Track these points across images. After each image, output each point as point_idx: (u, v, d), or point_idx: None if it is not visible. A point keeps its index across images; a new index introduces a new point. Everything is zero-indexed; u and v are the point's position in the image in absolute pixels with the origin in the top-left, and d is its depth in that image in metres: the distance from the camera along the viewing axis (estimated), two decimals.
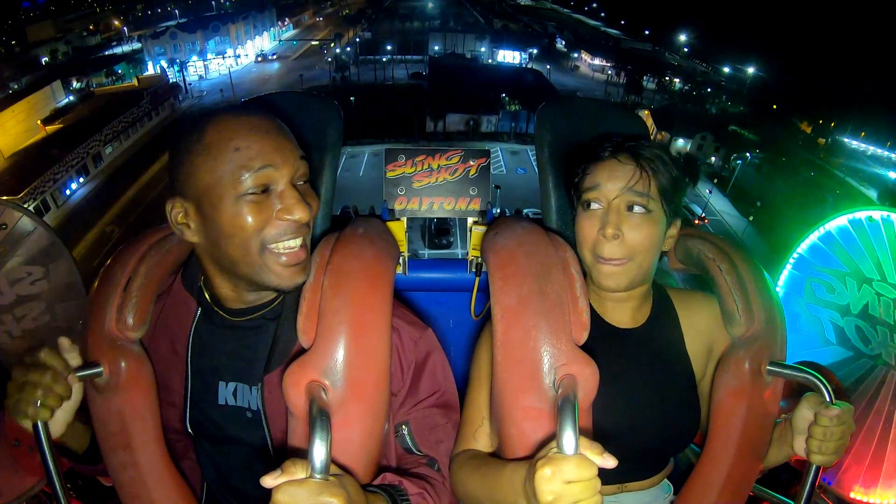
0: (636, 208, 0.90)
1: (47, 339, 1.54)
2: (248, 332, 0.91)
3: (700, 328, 1.00)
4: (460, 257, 1.35)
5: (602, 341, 0.88)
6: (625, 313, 0.99)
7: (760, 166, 26.98)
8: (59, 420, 0.82)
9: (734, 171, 25.87)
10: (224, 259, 0.81)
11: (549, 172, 1.15)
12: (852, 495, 1.62)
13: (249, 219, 0.76)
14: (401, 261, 1.28)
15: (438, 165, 1.28)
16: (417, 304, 1.41)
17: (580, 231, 0.95)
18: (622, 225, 0.90)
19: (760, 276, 0.96)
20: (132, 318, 0.85)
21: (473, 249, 1.27)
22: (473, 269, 1.29)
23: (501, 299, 0.86)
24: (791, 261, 1.91)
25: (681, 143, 28.89)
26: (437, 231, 20.07)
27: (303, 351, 0.79)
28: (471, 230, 1.27)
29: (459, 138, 30.26)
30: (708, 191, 24.70)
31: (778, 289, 1.91)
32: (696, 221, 22.31)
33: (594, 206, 0.93)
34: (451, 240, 20.55)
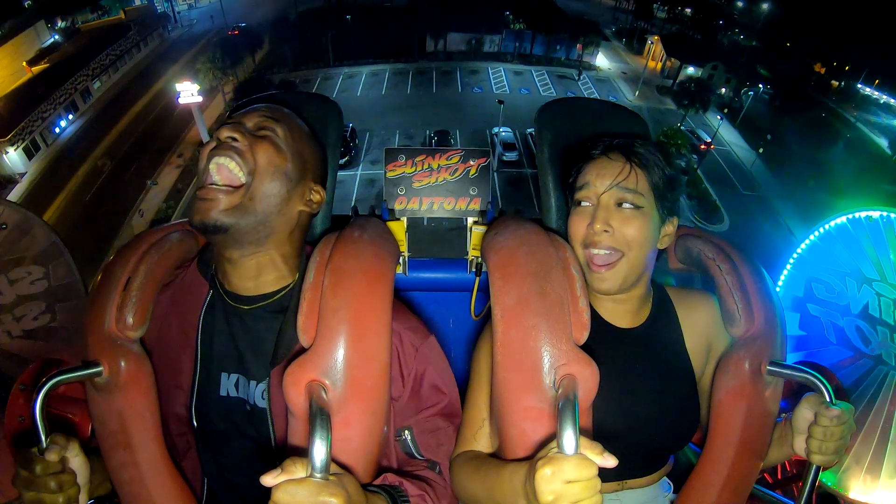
0: (625, 204, 0.91)
1: (47, 339, 1.54)
2: (252, 325, 0.91)
3: (699, 327, 1.01)
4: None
5: (602, 341, 0.88)
6: (624, 313, 0.99)
7: (772, 101, 26.56)
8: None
9: (744, 104, 25.45)
10: None
11: (549, 172, 1.15)
12: (852, 495, 1.63)
13: (203, 147, 0.87)
14: (401, 261, 1.28)
15: (438, 165, 1.28)
16: (417, 304, 1.41)
17: (571, 227, 0.96)
18: (611, 220, 0.91)
19: (760, 276, 0.96)
20: (132, 317, 0.85)
21: (473, 249, 1.27)
22: (473, 269, 1.29)
23: (501, 299, 0.86)
24: (791, 261, 1.91)
25: (691, 70, 28.20)
26: (439, 145, 20.16)
27: (303, 350, 0.79)
28: (471, 230, 1.27)
29: (461, 58, 29.62)
30: (719, 117, 24.28)
31: (778, 289, 1.91)
32: (703, 147, 22.06)
33: (584, 203, 0.94)
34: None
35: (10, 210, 1.50)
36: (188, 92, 19.32)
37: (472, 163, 1.29)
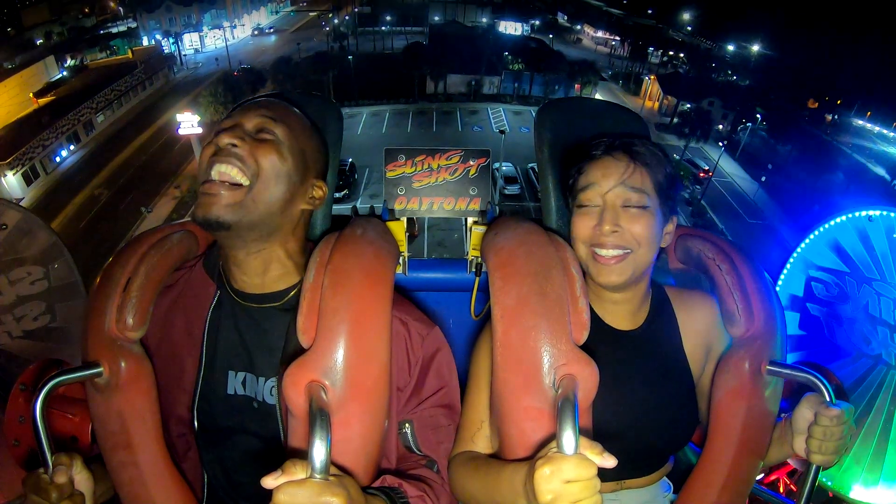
0: (632, 204, 0.90)
1: (47, 339, 1.54)
2: (261, 322, 0.91)
3: (698, 328, 1.01)
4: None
5: (600, 343, 0.88)
6: (623, 315, 0.99)
7: (769, 134, 27.07)
8: None
9: (742, 139, 25.93)
10: None
11: (549, 172, 1.15)
12: (852, 495, 1.63)
13: (203, 150, 0.87)
14: (401, 261, 1.28)
15: (438, 165, 1.28)
16: (417, 305, 1.41)
17: (575, 227, 0.95)
18: (619, 220, 0.90)
19: (760, 276, 0.96)
20: (132, 318, 0.85)
21: (473, 249, 1.28)
22: (473, 269, 1.29)
23: (501, 299, 0.85)
24: (791, 261, 1.91)
25: (689, 106, 28.72)
26: None
27: (303, 350, 0.79)
28: (471, 230, 1.27)
29: (461, 99, 30.01)
30: (721, 145, 24.59)
31: (778, 289, 1.91)
32: (702, 174, 22.36)
33: (589, 204, 0.93)
34: None
35: (11, 210, 1.50)
36: (188, 123, 19.30)
37: (471, 163, 1.29)
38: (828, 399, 0.84)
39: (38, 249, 1.52)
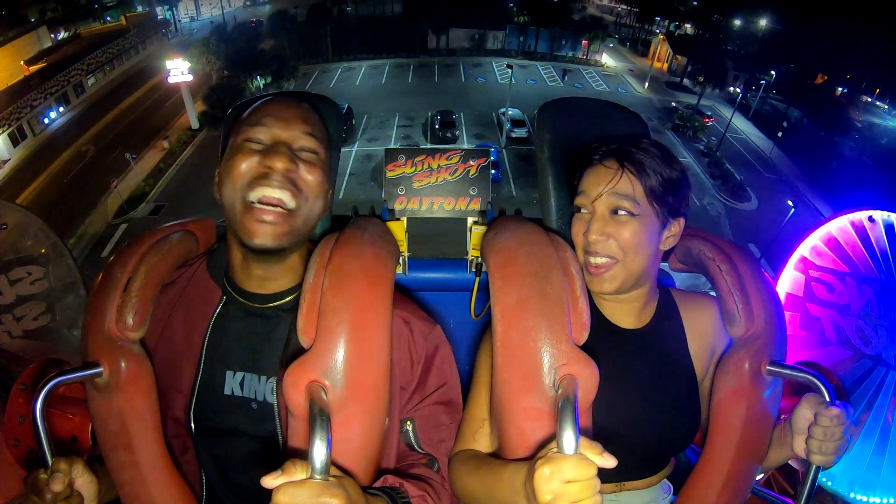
0: (620, 211, 0.90)
1: (47, 339, 1.54)
2: (262, 322, 0.92)
3: (703, 330, 1.00)
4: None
5: (605, 341, 0.88)
6: (628, 314, 0.99)
7: (779, 103, 27.03)
8: None
9: (753, 104, 25.94)
10: (225, 212, 0.86)
11: (549, 172, 1.15)
12: (852, 495, 1.63)
13: (239, 160, 0.84)
14: (401, 261, 1.28)
15: (438, 165, 1.28)
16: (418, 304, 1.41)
17: (572, 233, 0.97)
18: (606, 228, 0.90)
19: (760, 276, 0.95)
20: (132, 318, 0.85)
21: (473, 249, 1.28)
22: (473, 269, 1.29)
23: (501, 299, 0.86)
24: (791, 261, 1.91)
25: (699, 67, 28.41)
26: (442, 124, 20.21)
27: (303, 350, 0.79)
28: (471, 230, 1.27)
29: (464, 54, 29.62)
30: (738, 91, 24.63)
31: (778, 289, 1.91)
32: (706, 120, 22.82)
33: (582, 210, 0.95)
34: (457, 133, 20.26)
35: (11, 210, 1.50)
36: (178, 70, 18.68)
37: (471, 163, 1.29)
38: (828, 399, 0.84)
39: (38, 249, 1.52)
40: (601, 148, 0.95)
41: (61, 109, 23.24)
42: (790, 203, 14.98)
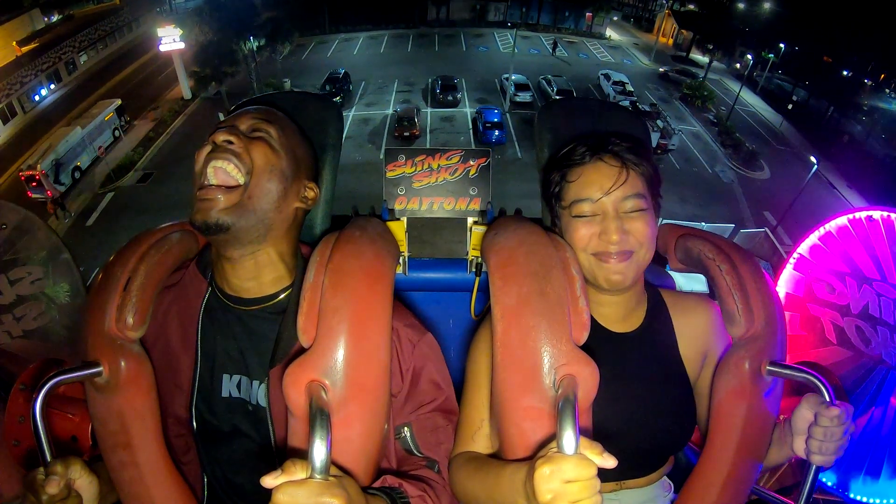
0: (633, 209, 0.91)
1: (47, 339, 1.54)
2: (253, 326, 0.92)
3: (694, 332, 1.01)
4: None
5: (598, 345, 0.88)
6: (620, 317, 1.00)
7: (786, 81, 26.83)
8: None
9: (760, 82, 25.86)
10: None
11: None
12: (852, 495, 1.62)
13: (199, 151, 0.88)
14: (401, 261, 1.28)
15: (438, 165, 1.28)
16: (417, 304, 1.41)
17: (575, 236, 0.94)
18: (624, 226, 0.90)
19: (760, 276, 0.96)
20: (132, 318, 0.85)
21: (473, 249, 1.28)
22: (473, 269, 1.29)
23: (501, 299, 0.86)
24: (791, 261, 1.91)
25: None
26: (443, 87, 20.20)
27: (303, 350, 0.79)
28: (471, 230, 1.27)
29: (464, 25, 29.28)
30: (749, 59, 24.51)
31: (778, 289, 1.91)
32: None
33: (589, 214, 0.93)
34: (459, 96, 20.24)
35: (10, 210, 1.50)
36: (170, 37, 18.27)
37: (472, 163, 1.29)
38: (828, 399, 0.84)
39: (38, 249, 1.52)
40: (586, 144, 0.94)
41: (52, 87, 22.92)
42: (813, 159, 14.37)
